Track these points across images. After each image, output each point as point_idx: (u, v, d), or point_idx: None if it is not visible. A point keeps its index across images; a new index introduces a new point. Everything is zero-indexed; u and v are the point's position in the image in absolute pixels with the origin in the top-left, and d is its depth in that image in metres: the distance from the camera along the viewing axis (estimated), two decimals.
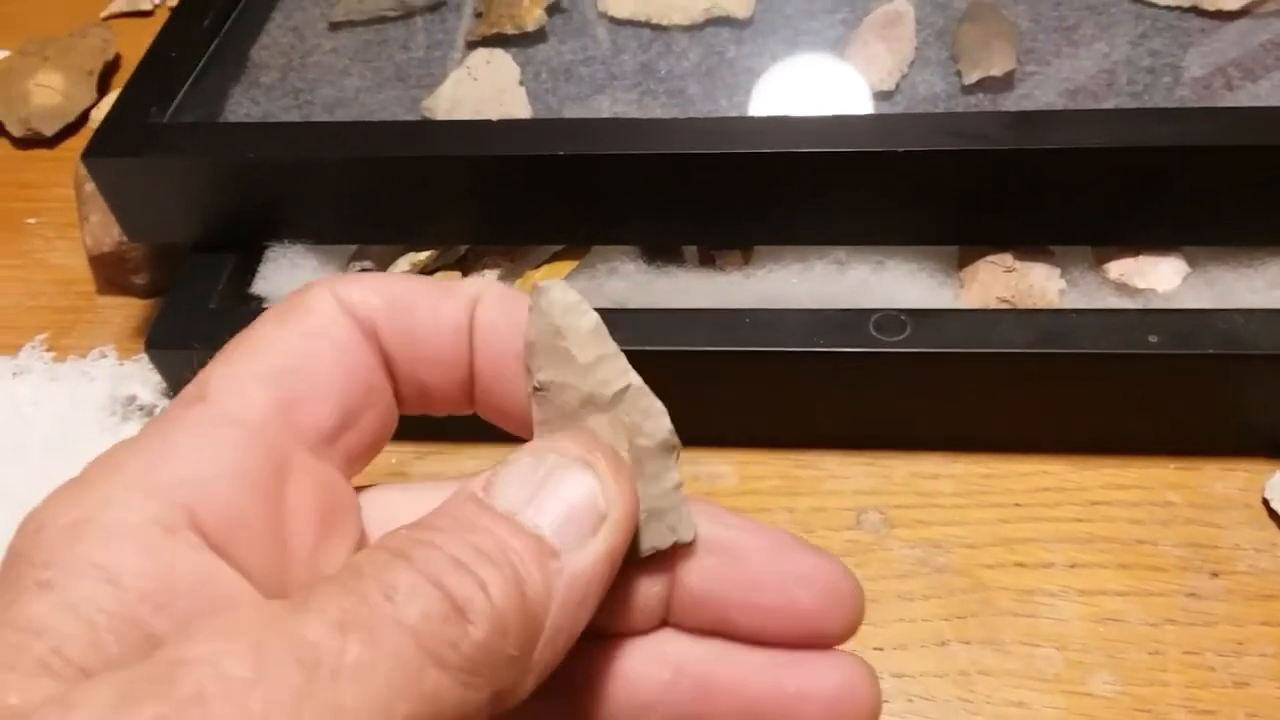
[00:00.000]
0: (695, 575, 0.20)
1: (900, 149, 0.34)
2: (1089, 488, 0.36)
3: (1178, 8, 0.42)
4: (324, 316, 0.19)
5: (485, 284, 0.20)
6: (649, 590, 0.20)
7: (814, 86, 0.42)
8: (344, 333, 0.19)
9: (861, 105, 0.41)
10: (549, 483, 0.17)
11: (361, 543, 0.19)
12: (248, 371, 0.18)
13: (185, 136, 0.38)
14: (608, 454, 0.18)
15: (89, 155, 0.37)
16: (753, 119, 0.38)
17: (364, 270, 0.40)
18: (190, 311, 0.38)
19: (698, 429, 0.30)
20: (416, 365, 0.20)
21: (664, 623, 0.20)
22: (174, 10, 0.45)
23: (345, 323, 0.19)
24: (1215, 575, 0.34)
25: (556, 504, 0.17)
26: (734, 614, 0.19)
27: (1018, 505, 0.36)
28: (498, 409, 0.20)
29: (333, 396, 0.18)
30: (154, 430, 0.17)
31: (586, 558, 0.17)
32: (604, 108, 0.42)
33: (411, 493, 0.21)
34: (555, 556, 0.16)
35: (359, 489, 0.20)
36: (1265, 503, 0.35)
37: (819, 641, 0.19)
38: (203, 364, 0.18)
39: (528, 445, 0.18)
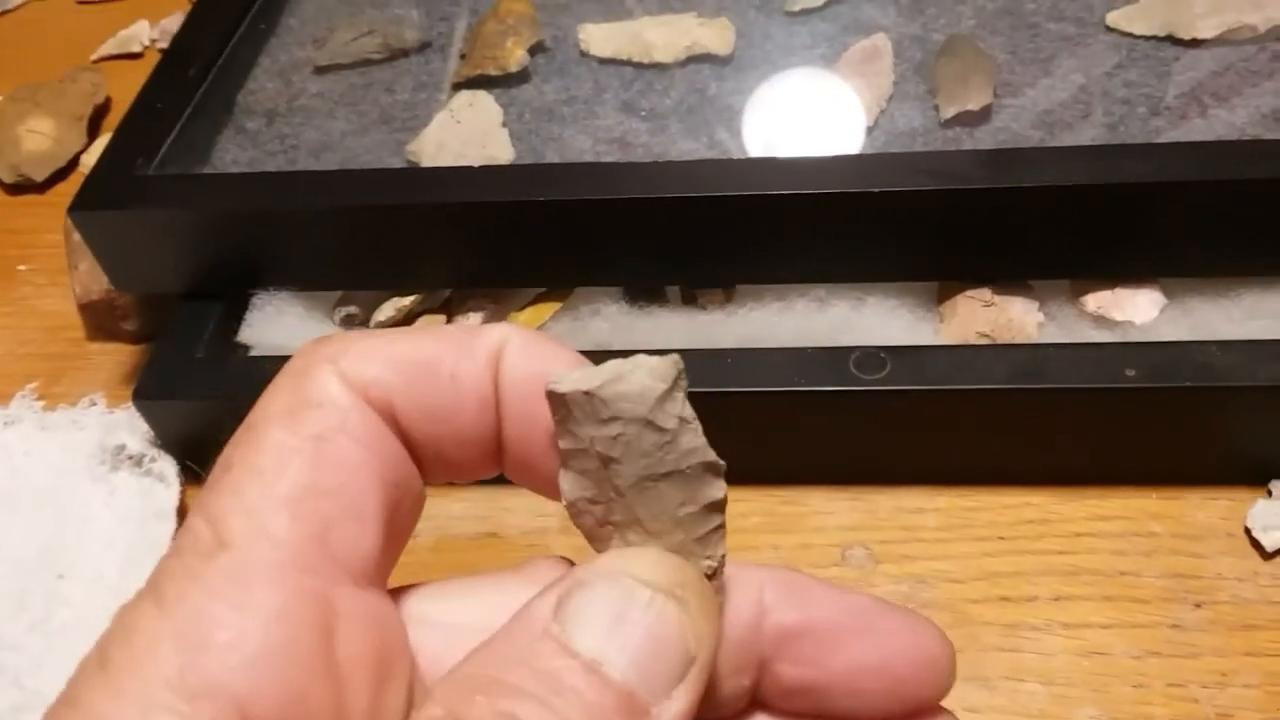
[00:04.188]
0: (787, 665, 0.18)
1: (876, 189, 0.34)
2: (1072, 519, 0.36)
3: (1153, 37, 0.43)
4: (336, 410, 0.16)
5: (507, 333, 0.17)
6: (736, 683, 0.18)
7: (794, 122, 0.43)
8: (363, 425, 0.16)
9: (841, 141, 0.41)
10: (632, 618, 0.15)
11: (413, 681, 0.17)
12: (266, 500, 0.15)
13: (171, 188, 0.39)
14: (694, 584, 0.16)
15: (75, 209, 0.38)
16: (731, 162, 0.38)
17: (348, 316, 0.40)
18: (177, 361, 0.38)
19: None
20: (441, 443, 0.17)
21: (753, 705, 0.19)
22: (160, 60, 0.46)
23: (361, 412, 0.16)
24: (1198, 606, 0.34)
25: (643, 648, 0.15)
26: (834, 699, 0.18)
27: (1001, 538, 0.36)
28: (529, 471, 0.18)
29: (370, 508, 0.16)
30: (183, 594, 0.14)
31: (676, 707, 0.15)
32: (586, 147, 0.42)
33: (464, 597, 0.18)
34: (645, 713, 0.15)
35: (394, 591, 0.18)
36: (1247, 531, 0.35)
37: (920, 710, 0.18)
38: (206, 477, 0.16)
39: (602, 565, 0.16)
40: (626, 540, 0.17)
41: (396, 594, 0.18)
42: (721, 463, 0.17)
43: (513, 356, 0.17)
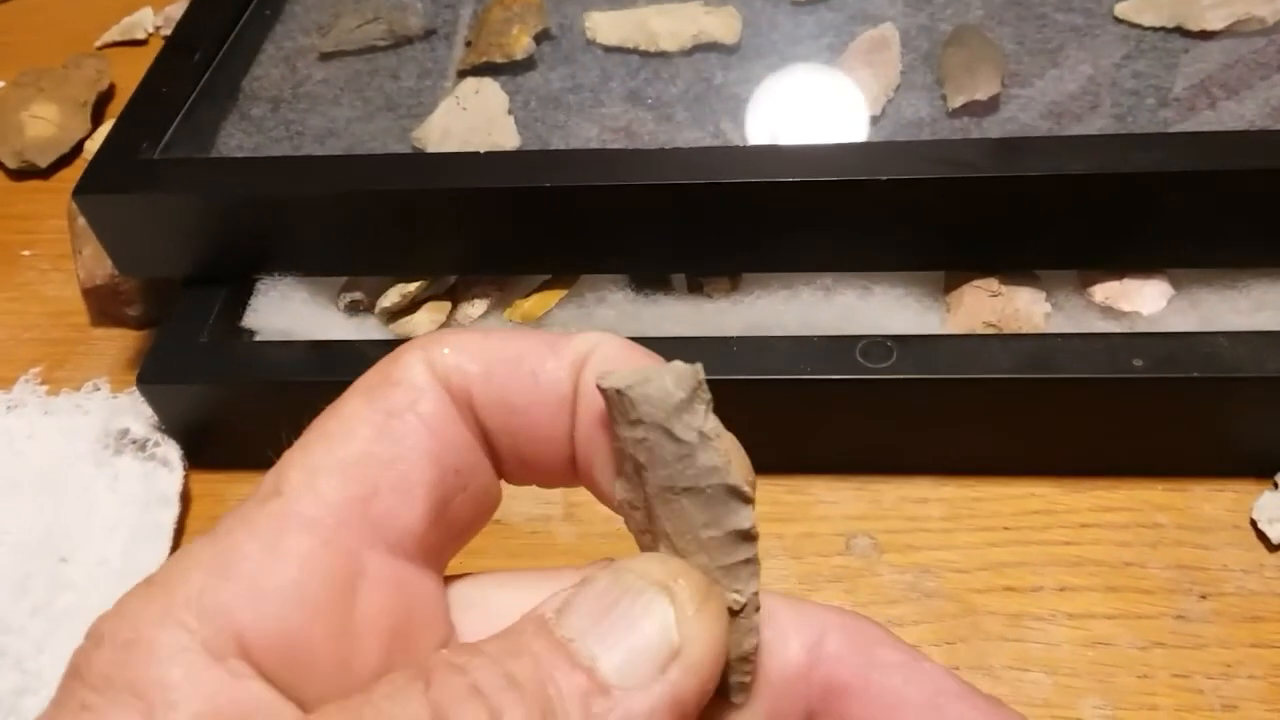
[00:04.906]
0: None
1: (884, 177, 0.34)
2: (1078, 510, 0.36)
3: (1161, 28, 0.43)
4: (412, 390, 0.17)
5: (598, 340, 0.17)
6: None
7: (800, 112, 0.43)
8: (434, 407, 0.17)
9: (848, 131, 0.41)
10: (619, 608, 0.15)
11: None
12: (325, 461, 0.16)
13: (175, 172, 0.39)
14: (694, 581, 0.16)
15: (80, 192, 0.38)
16: (738, 149, 0.38)
17: (353, 301, 0.40)
18: (181, 346, 0.38)
19: None
20: (517, 438, 0.17)
21: None
22: (165, 44, 0.46)
23: (436, 395, 0.17)
24: (1203, 597, 0.34)
25: (622, 634, 0.15)
26: None
27: (1006, 529, 0.36)
28: (591, 478, 0.18)
29: (418, 485, 0.16)
30: (229, 529, 0.16)
31: (646, 700, 0.14)
32: (592, 135, 0.42)
33: (518, 587, 0.18)
34: (605, 694, 0.14)
35: (457, 578, 0.18)
36: (1253, 523, 0.35)
37: None
38: (290, 439, 0.17)
39: (614, 564, 0.16)
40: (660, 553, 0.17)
41: (454, 578, 0.18)
42: (747, 490, 0.16)
43: (596, 361, 0.17)
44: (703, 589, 0.16)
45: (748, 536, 0.17)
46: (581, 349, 0.17)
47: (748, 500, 0.16)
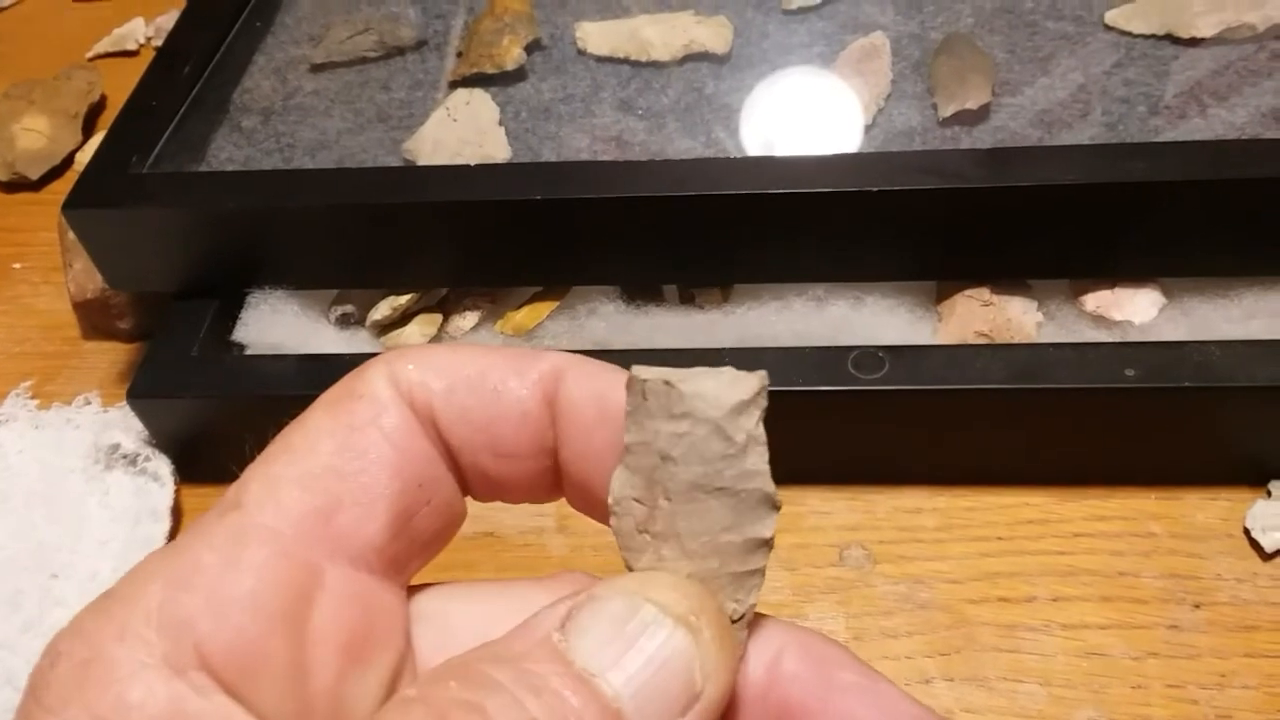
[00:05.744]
0: None
1: (875, 188, 0.34)
2: (1071, 519, 0.36)
3: (1152, 36, 0.43)
4: (375, 404, 0.17)
5: (566, 359, 0.18)
6: None
7: (792, 121, 0.43)
8: (396, 422, 0.17)
9: (839, 140, 0.41)
10: (641, 643, 0.15)
11: (401, 665, 0.17)
12: (285, 473, 0.16)
13: (165, 187, 0.39)
14: (713, 614, 0.16)
15: (69, 207, 0.38)
16: (729, 161, 0.38)
17: (344, 315, 0.40)
18: (172, 360, 0.38)
19: None
20: (479, 454, 0.18)
21: None
22: (155, 56, 0.46)
23: (398, 410, 0.17)
24: (1197, 607, 0.34)
25: (646, 673, 0.15)
26: None
27: (1000, 539, 0.36)
28: (586, 494, 0.18)
29: (381, 498, 0.17)
30: (188, 543, 0.16)
31: None
32: (583, 146, 0.42)
33: (475, 600, 0.18)
34: None
35: (419, 589, 0.18)
36: (1246, 532, 0.35)
37: None
38: (255, 451, 0.17)
39: (620, 582, 0.16)
40: (660, 555, 0.17)
41: (416, 589, 0.18)
42: (779, 500, 0.17)
43: (574, 379, 0.17)
44: (719, 622, 0.16)
45: (765, 545, 0.17)
46: (547, 367, 0.18)
47: (776, 508, 0.17)
